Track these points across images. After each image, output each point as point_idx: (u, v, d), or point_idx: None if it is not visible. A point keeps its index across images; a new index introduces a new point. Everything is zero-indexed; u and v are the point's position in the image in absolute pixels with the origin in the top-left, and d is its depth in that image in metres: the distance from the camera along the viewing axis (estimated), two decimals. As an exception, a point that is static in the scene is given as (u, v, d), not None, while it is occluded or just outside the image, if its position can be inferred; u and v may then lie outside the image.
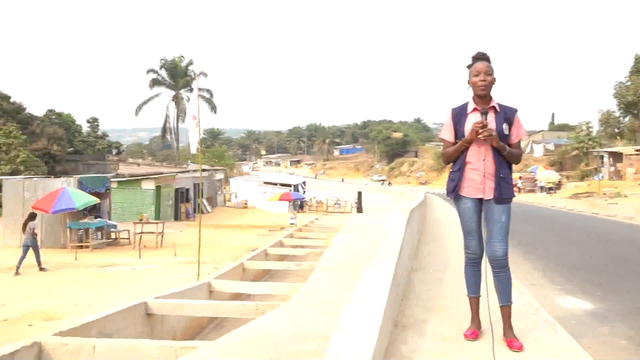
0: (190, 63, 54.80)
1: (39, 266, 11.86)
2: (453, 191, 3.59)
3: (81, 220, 15.97)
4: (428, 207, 17.42)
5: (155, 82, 53.38)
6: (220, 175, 39.42)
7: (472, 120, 3.47)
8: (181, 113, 52.27)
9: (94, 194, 16.28)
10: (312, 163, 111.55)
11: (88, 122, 45.19)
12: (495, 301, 3.51)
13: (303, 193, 42.05)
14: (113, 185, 22.25)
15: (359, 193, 34.93)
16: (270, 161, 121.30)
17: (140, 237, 15.21)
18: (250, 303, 5.89)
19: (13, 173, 26.03)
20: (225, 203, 39.53)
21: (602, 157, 41.58)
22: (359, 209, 31.92)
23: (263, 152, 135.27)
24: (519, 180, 41.19)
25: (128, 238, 17.19)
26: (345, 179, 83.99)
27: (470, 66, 3.52)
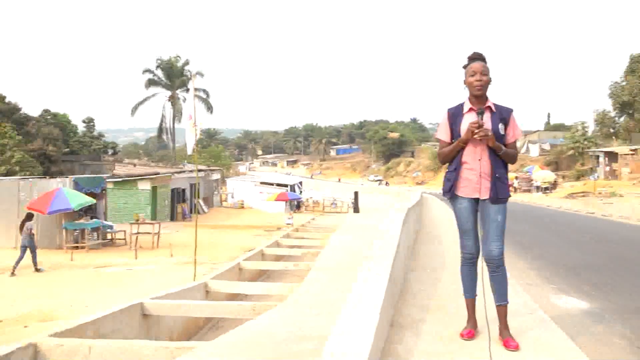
0: (186, 63, 54.65)
1: (35, 267, 11.82)
2: (449, 191, 3.60)
3: (77, 220, 15.90)
4: (424, 207, 17.45)
5: (151, 82, 53.21)
6: (216, 175, 39.32)
7: (468, 120, 3.48)
8: (177, 113, 52.13)
9: (90, 195, 16.24)
10: (309, 163, 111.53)
11: (84, 122, 44.99)
12: (491, 301, 3.53)
13: (300, 193, 42.01)
14: (109, 185, 22.19)
15: (356, 193, 35.03)
16: (266, 161, 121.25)
17: (136, 238, 15.17)
18: (247, 303, 5.88)
19: (8, 174, 25.87)
20: (221, 203, 39.42)
21: (598, 157, 41.76)
22: (356, 209, 32.00)
23: (259, 152, 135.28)
24: (515, 180, 41.29)
25: (124, 238, 17.13)
26: (342, 179, 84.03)
27: (466, 66, 3.54)
